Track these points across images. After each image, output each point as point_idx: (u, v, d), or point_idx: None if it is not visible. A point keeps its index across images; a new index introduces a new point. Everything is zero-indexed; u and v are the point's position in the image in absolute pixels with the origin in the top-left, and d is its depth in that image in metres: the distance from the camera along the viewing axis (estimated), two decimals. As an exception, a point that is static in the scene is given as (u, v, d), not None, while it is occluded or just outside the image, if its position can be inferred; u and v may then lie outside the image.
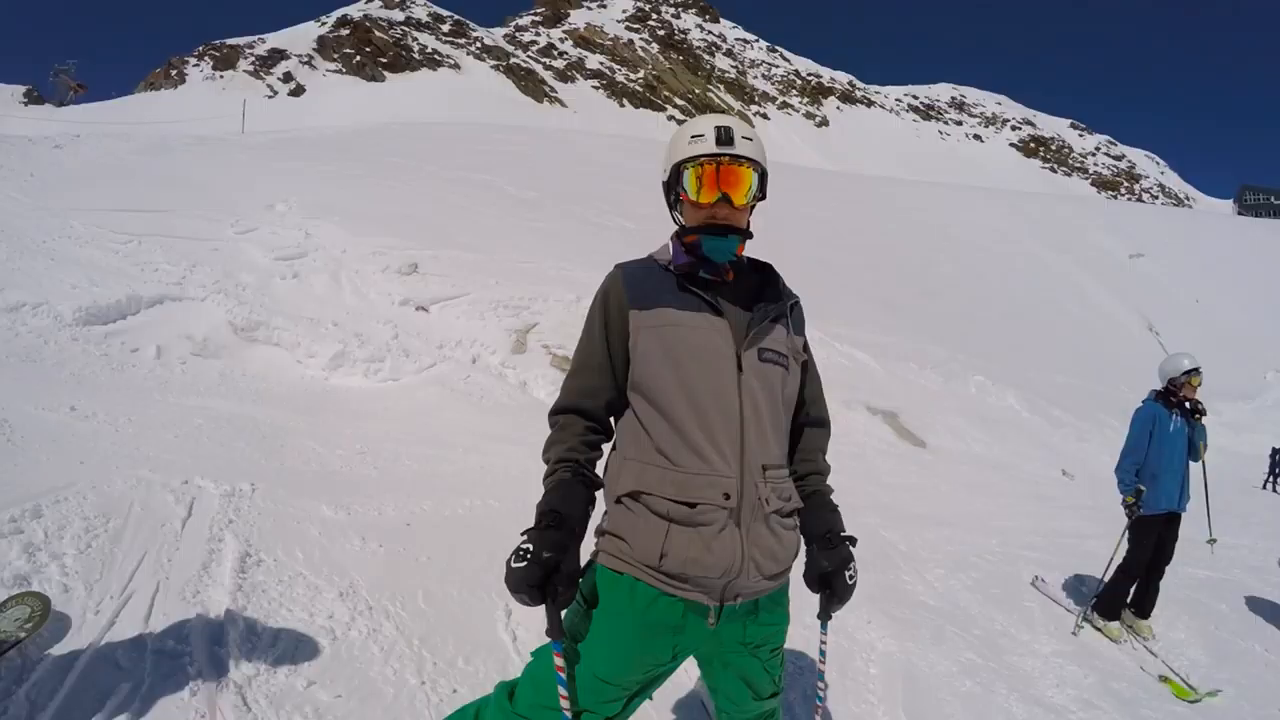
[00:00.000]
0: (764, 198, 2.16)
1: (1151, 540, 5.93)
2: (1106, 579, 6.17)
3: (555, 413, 2.19)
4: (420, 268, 13.02)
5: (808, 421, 2.28)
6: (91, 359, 7.97)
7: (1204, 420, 6.24)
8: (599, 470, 2.15)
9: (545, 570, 1.86)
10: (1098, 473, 16.14)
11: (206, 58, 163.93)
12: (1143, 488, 5.84)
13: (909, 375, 17.86)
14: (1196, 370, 6.15)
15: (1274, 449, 24.88)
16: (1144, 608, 6.13)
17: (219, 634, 3.32)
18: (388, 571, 4.21)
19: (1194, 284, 68.35)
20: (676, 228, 2.24)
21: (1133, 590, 6.10)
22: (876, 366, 16.82)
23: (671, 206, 2.24)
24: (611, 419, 2.18)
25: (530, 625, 3.95)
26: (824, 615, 2.18)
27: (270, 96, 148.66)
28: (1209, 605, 7.06)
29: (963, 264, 43.13)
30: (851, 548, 2.19)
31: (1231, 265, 78.00)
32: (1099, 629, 5.85)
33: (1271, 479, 23.91)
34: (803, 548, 2.20)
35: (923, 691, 4.38)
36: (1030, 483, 13.59)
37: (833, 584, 2.13)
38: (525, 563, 1.86)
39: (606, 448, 2.19)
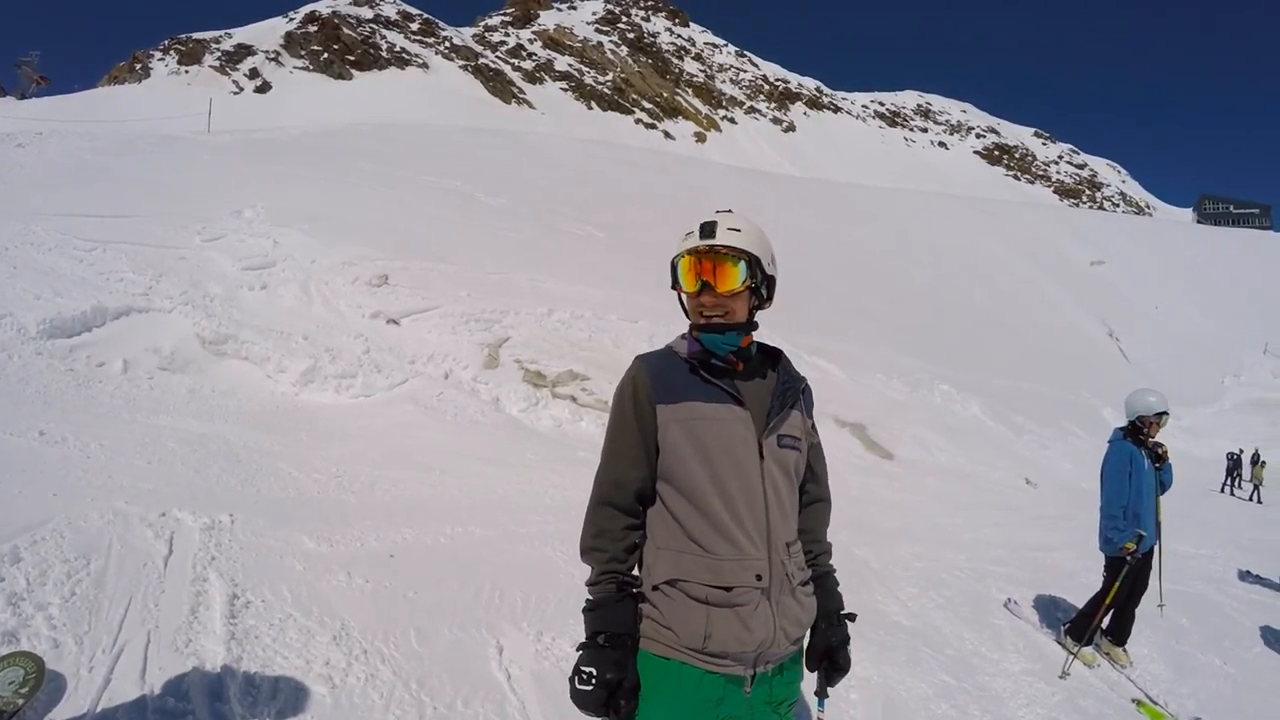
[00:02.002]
0: (768, 282, 2.28)
1: (1130, 579, 5.98)
2: (1083, 608, 6.21)
3: (595, 505, 2.22)
4: (391, 279, 12.91)
5: (813, 499, 2.41)
6: (57, 374, 7.77)
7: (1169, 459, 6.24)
8: None
9: (609, 690, 2.00)
10: (1060, 480, 16.47)
11: (172, 52, 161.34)
12: (1143, 533, 5.84)
13: (876, 385, 18.05)
14: (1166, 413, 6.11)
15: (1229, 453, 25.53)
16: (1120, 635, 6.18)
17: (218, 688, 3.28)
18: (377, 609, 4.19)
19: (1154, 290, 69.78)
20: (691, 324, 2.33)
21: (1109, 618, 6.14)
22: (844, 377, 16.99)
23: (680, 302, 2.33)
24: (642, 506, 2.23)
25: (523, 664, 3.96)
26: (823, 691, 2.32)
27: (236, 93, 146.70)
28: (1170, 619, 7.16)
29: (929, 270, 43.65)
30: (850, 624, 2.35)
31: (1190, 272, 79.74)
32: (1073, 654, 5.85)
33: (1229, 482, 24.53)
34: None
35: (902, 717, 4.45)
36: (996, 492, 13.78)
37: (835, 659, 2.29)
38: (590, 686, 2.00)
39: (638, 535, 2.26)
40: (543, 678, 3.88)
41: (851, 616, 2.35)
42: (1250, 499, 23.19)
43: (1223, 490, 24.05)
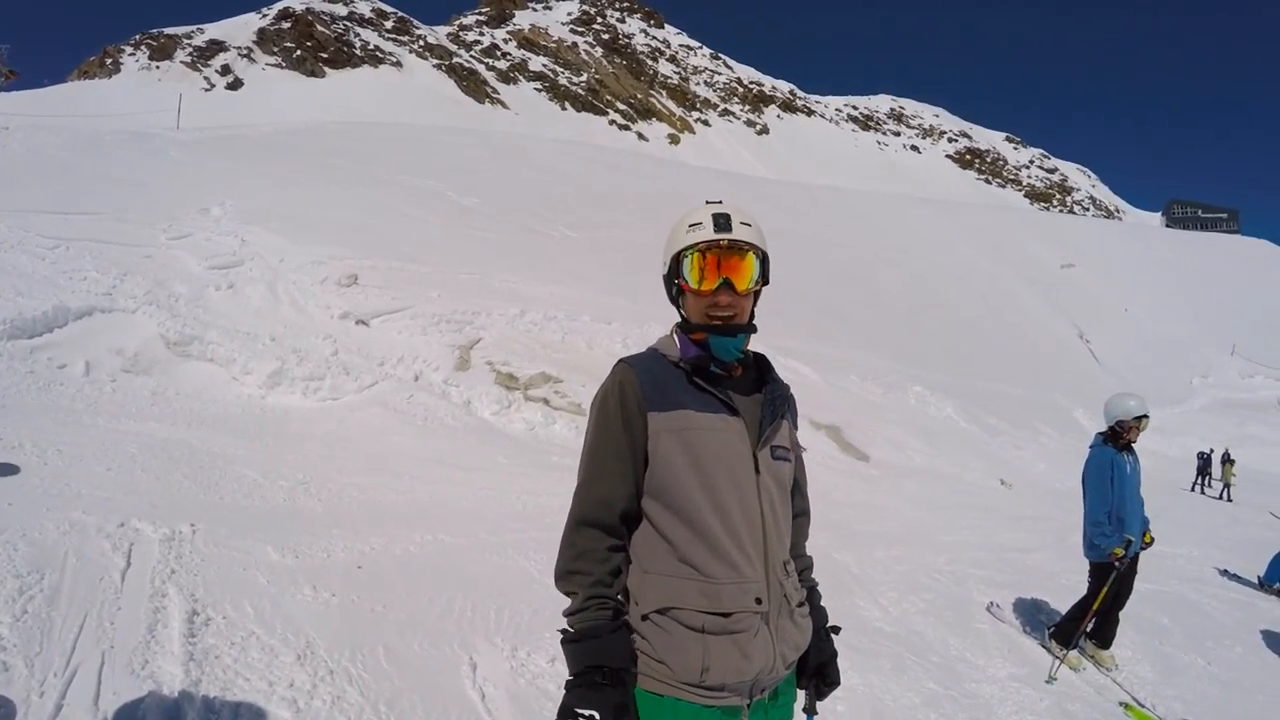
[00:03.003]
0: (767, 283, 2.13)
1: (1116, 583, 5.96)
2: (1068, 612, 6.20)
3: (575, 525, 2.01)
4: (360, 279, 12.71)
5: (798, 512, 2.28)
6: (17, 376, 7.56)
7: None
8: None
9: None
10: (1035, 481, 16.58)
11: (143, 47, 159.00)
12: (1131, 538, 5.82)
13: (851, 387, 18.09)
14: (1146, 415, 6.09)
15: (1200, 453, 25.89)
16: (1106, 638, 6.16)
17: (176, 714, 3.09)
18: (344, 625, 4.02)
19: (1123, 293, 70.86)
20: (677, 323, 2.17)
21: (1093, 622, 6.11)
22: (819, 379, 16.98)
23: (673, 299, 2.17)
24: (627, 527, 2.06)
25: (498, 682, 3.82)
26: (812, 707, 2.21)
27: (207, 89, 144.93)
28: (1152, 619, 7.23)
29: (902, 272, 43.96)
30: (836, 636, 2.26)
31: (1159, 275, 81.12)
32: (1059, 658, 5.84)
33: (1200, 481, 24.89)
34: None
35: (891, 728, 4.38)
36: (971, 493, 13.84)
37: (826, 674, 2.18)
38: None
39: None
40: (518, 696, 3.73)
41: (836, 629, 2.25)
42: (1220, 497, 23.50)
43: (1193, 489, 24.35)
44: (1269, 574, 9.15)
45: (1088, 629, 6.10)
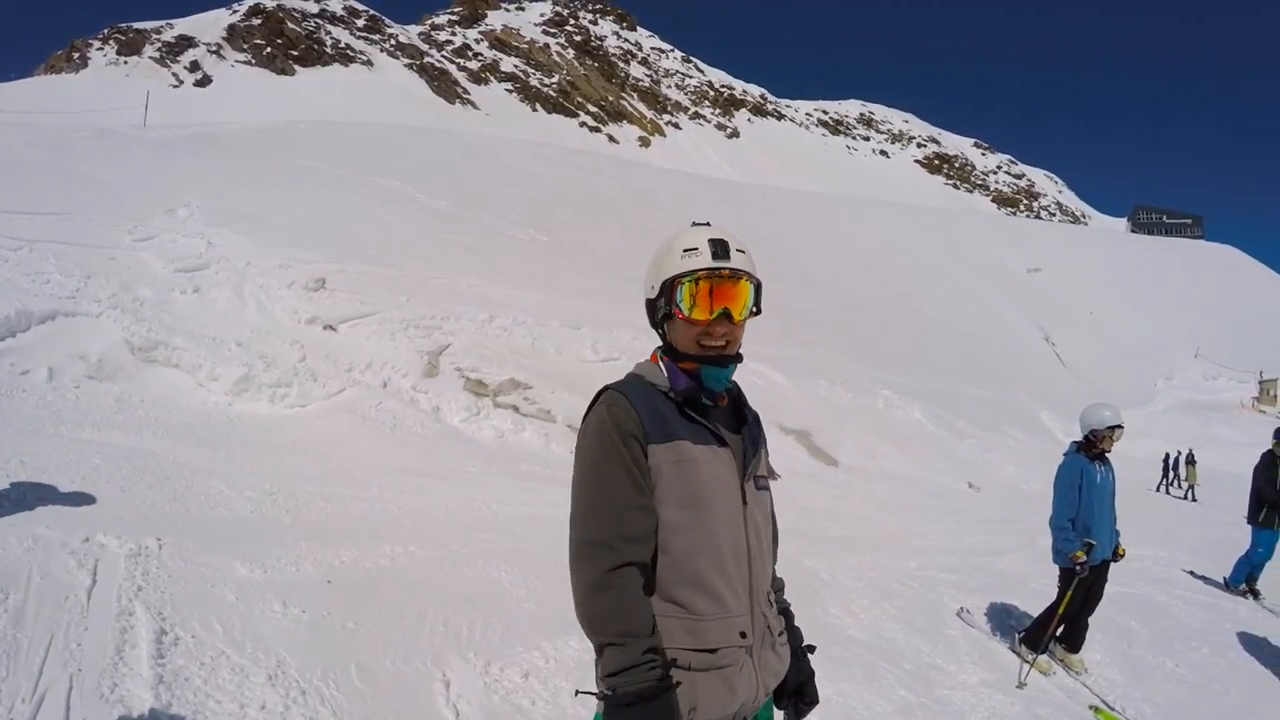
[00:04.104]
0: (759, 312, 2.07)
1: (1084, 589, 6.04)
2: (1037, 617, 6.26)
3: (606, 571, 1.84)
4: (328, 283, 12.52)
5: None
6: (-20, 383, 7.39)
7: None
8: None
9: None
10: (1003, 483, 16.77)
11: (111, 41, 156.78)
12: (1093, 542, 5.88)
13: (819, 392, 18.17)
14: (1120, 426, 6.16)
15: (1167, 454, 26.37)
16: (1075, 643, 6.24)
17: (147, 740, 3.03)
18: (315, 643, 3.95)
19: (1089, 297, 72.06)
20: (659, 347, 2.11)
21: (1062, 627, 6.18)
22: (788, 384, 17.05)
23: (657, 324, 2.10)
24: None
25: (472, 699, 3.77)
26: None
27: (175, 86, 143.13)
28: (1120, 622, 7.30)
29: (871, 276, 44.29)
30: (811, 655, 2.24)
31: (1124, 280, 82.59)
32: (1028, 663, 5.90)
33: (1165, 482, 25.35)
34: None
35: (864, 737, 4.39)
36: (940, 497, 13.96)
37: (805, 693, 2.16)
38: None
39: None
40: (493, 713, 3.69)
41: (812, 648, 2.24)
42: (1185, 498, 23.95)
43: (1158, 489, 24.80)
44: (1234, 575, 9.28)
45: (1057, 633, 6.17)
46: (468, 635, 4.38)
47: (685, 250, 2.00)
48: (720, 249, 1.98)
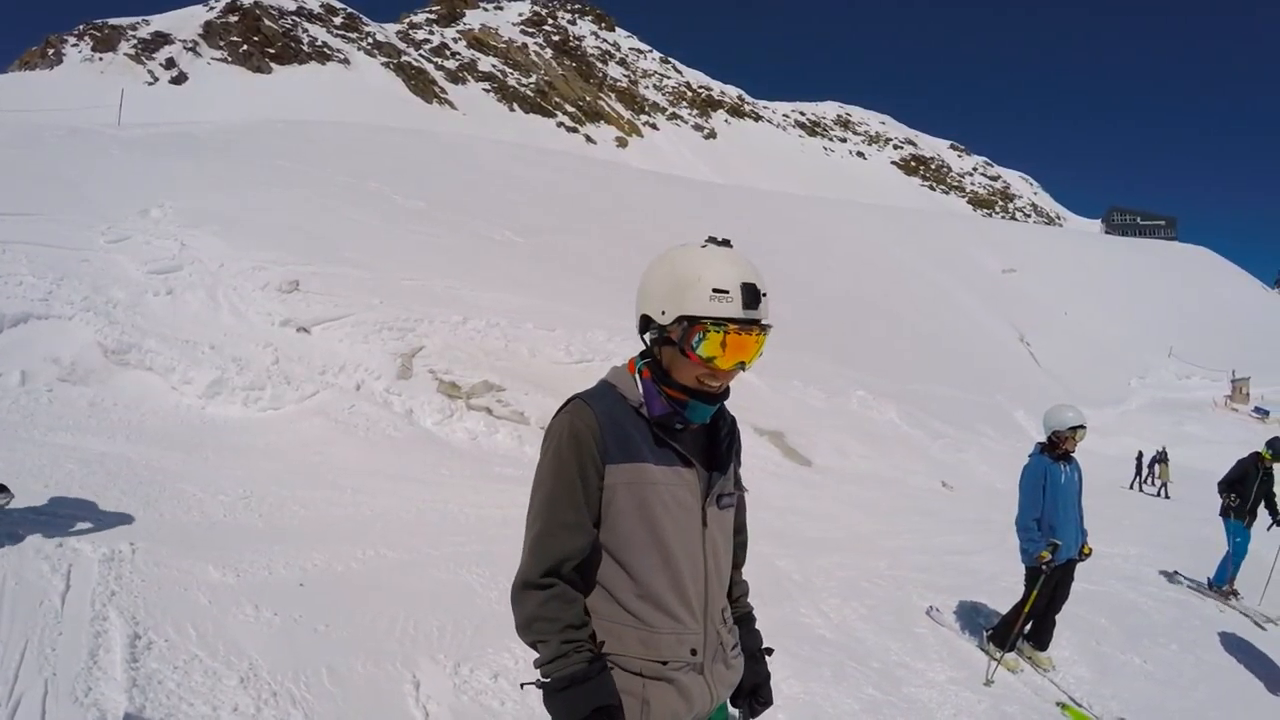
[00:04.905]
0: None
1: (1050, 587, 6.13)
2: (1005, 615, 6.35)
3: (534, 577, 1.89)
4: (302, 285, 12.44)
5: (735, 546, 2.25)
6: (-49, 388, 7.35)
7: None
8: None
9: None
10: (977, 483, 16.90)
11: (87, 37, 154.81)
12: (1058, 542, 5.95)
13: (793, 392, 18.20)
14: (1082, 426, 6.25)
15: (1140, 452, 26.72)
16: (1042, 640, 6.34)
17: (120, 742, 3.06)
18: (287, 645, 3.98)
19: (1063, 297, 72.83)
20: (646, 363, 2.02)
21: (1029, 625, 6.27)
22: (762, 385, 17.10)
23: (652, 342, 2.00)
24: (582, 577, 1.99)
25: (441, 699, 3.81)
26: None
27: (151, 83, 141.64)
28: (1089, 619, 7.41)
29: (846, 277, 44.44)
30: (769, 657, 2.28)
31: (1099, 280, 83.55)
32: (996, 660, 5.98)
33: (1138, 480, 25.70)
34: None
35: (831, 735, 4.45)
36: (913, 497, 14.05)
37: (760, 694, 2.21)
38: None
39: None
40: (462, 714, 3.74)
41: (769, 651, 2.27)
42: (1158, 495, 24.29)
43: (1131, 487, 25.12)
44: (1218, 575, 9.35)
45: (1024, 631, 6.26)
46: (438, 637, 4.42)
47: (716, 291, 1.85)
48: (751, 298, 1.86)
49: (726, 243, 1.96)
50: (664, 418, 1.95)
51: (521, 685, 2.00)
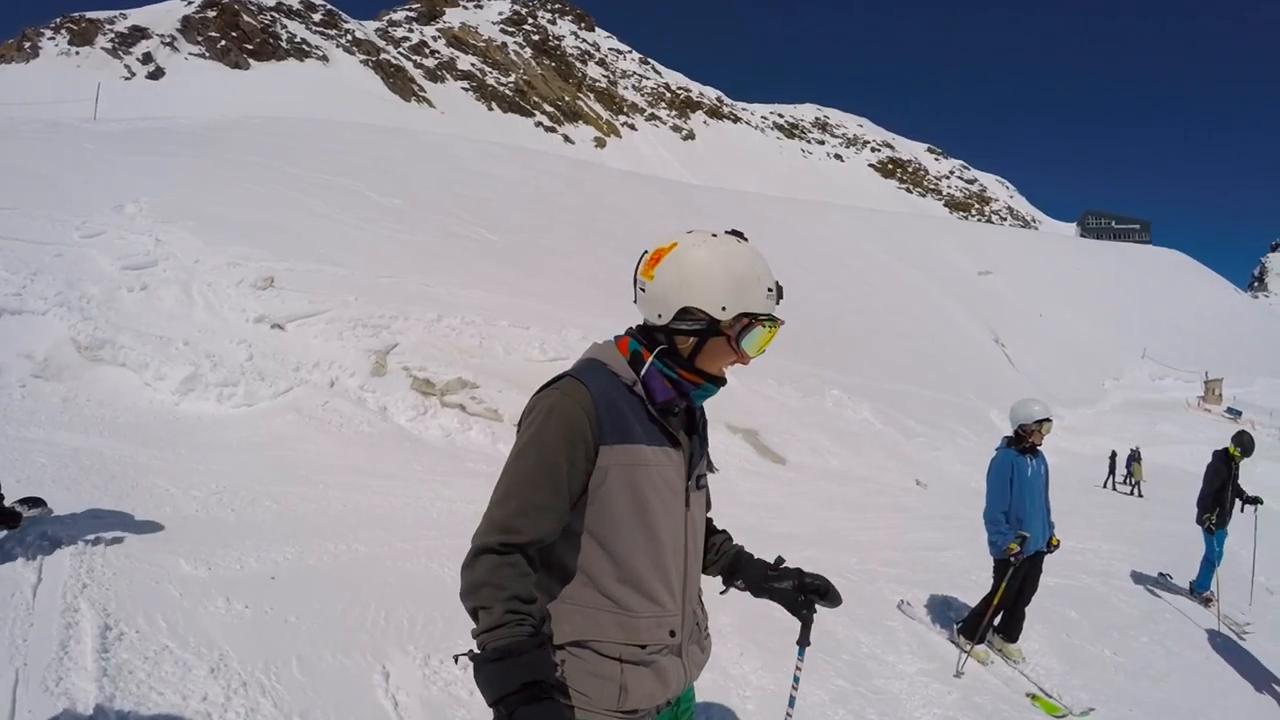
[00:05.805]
0: None
1: (1019, 579, 6.24)
2: (975, 607, 6.45)
3: (491, 545, 1.79)
4: (277, 281, 12.37)
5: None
6: (-76, 385, 7.29)
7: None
8: None
9: None
10: (950, 480, 17.07)
11: (64, 30, 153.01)
12: (1026, 534, 6.06)
13: (768, 391, 18.29)
14: (1048, 419, 6.37)
15: (1114, 452, 27.12)
16: (1012, 632, 6.45)
17: (90, 730, 3.08)
18: (257, 637, 4.00)
19: (1038, 299, 73.64)
20: (660, 348, 2.00)
21: (999, 617, 6.37)
22: (736, 383, 17.11)
23: (686, 334, 1.99)
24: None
25: (410, 690, 3.84)
26: (805, 640, 2.35)
27: (128, 78, 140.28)
28: (1060, 613, 7.54)
29: (822, 277, 44.61)
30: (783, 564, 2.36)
31: (1073, 283, 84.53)
32: (966, 652, 6.06)
33: (1111, 479, 26.11)
34: None
35: (799, 725, 4.50)
36: (887, 494, 14.18)
37: (828, 594, 2.31)
38: None
39: None
40: (430, 703, 3.77)
41: (781, 561, 2.35)
42: (1131, 493, 24.68)
43: (1104, 485, 25.50)
44: (1201, 581, 9.32)
45: (994, 624, 6.37)
46: (409, 629, 4.44)
47: (769, 290, 2.00)
48: (779, 294, 2.03)
49: (742, 235, 2.06)
50: (666, 404, 1.97)
51: (455, 658, 1.87)
